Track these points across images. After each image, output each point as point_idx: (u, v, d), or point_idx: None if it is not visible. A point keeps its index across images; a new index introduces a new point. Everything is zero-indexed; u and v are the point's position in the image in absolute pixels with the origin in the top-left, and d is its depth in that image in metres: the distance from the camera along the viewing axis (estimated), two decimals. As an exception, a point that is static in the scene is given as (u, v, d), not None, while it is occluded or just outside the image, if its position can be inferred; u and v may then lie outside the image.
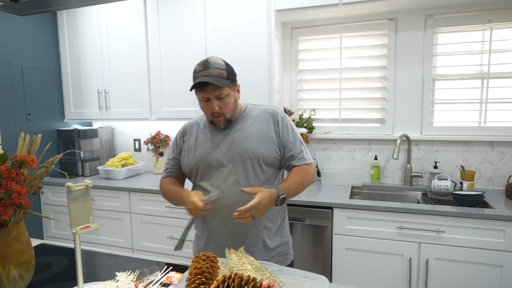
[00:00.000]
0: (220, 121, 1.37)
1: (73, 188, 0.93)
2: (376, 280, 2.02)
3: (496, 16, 2.22)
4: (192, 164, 1.42)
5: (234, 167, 1.36)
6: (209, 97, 1.31)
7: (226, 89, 1.32)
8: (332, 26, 2.54)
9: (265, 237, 1.40)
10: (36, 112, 2.84)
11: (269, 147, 1.37)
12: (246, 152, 1.36)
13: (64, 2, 1.37)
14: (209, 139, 1.42)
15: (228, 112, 1.36)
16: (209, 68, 1.29)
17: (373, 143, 2.56)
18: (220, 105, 1.33)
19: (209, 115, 1.37)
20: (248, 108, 1.46)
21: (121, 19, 2.74)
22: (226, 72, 1.31)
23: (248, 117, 1.43)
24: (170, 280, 1.11)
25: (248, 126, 1.40)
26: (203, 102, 1.35)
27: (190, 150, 1.44)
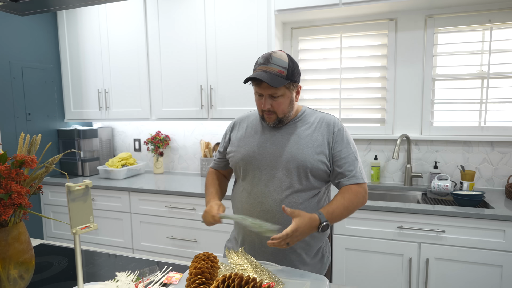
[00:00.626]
0: (270, 118, 1.30)
1: (73, 188, 0.93)
2: (376, 280, 2.02)
3: (496, 16, 2.22)
4: (238, 160, 1.36)
5: (279, 172, 1.29)
6: (263, 93, 1.25)
7: (282, 89, 1.24)
8: (332, 26, 2.54)
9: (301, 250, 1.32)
10: (36, 112, 2.84)
11: (320, 159, 1.28)
12: (295, 159, 1.27)
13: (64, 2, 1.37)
14: (258, 136, 1.35)
15: (281, 112, 1.28)
16: (270, 64, 1.22)
17: (373, 143, 2.55)
18: (272, 104, 1.26)
19: (260, 111, 1.31)
20: (306, 112, 1.37)
21: (121, 19, 2.74)
22: (286, 71, 1.22)
23: (303, 122, 1.34)
24: (170, 280, 1.11)
25: (302, 132, 1.31)
26: (257, 96, 1.29)
27: (238, 146, 1.38)
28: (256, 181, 1.32)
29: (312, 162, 1.27)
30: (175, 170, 3.10)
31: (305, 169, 1.27)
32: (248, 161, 1.33)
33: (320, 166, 1.28)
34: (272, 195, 1.29)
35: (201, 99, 2.57)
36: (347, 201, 1.24)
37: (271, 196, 1.29)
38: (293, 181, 1.28)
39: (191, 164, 3.04)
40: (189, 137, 3.03)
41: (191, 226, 2.39)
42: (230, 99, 2.50)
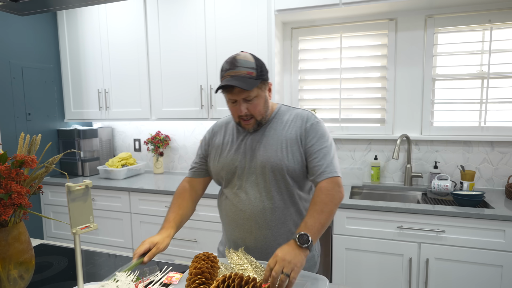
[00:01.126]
0: (249, 124, 1.25)
1: (73, 188, 0.93)
2: (376, 280, 2.02)
3: (496, 16, 2.22)
4: (218, 169, 1.33)
5: (257, 178, 1.26)
6: (236, 99, 1.20)
7: (255, 90, 1.19)
8: (332, 26, 2.54)
9: None
10: (36, 112, 2.84)
11: (295, 158, 1.24)
12: (269, 163, 1.24)
13: (64, 2, 1.37)
14: (235, 143, 1.32)
15: (258, 114, 1.24)
16: (237, 67, 1.17)
17: (373, 143, 2.55)
18: (248, 107, 1.21)
19: (236, 117, 1.26)
20: (281, 110, 1.33)
21: (121, 19, 2.74)
22: (255, 71, 1.18)
23: (278, 120, 1.30)
24: (170, 280, 1.11)
25: (277, 132, 1.28)
26: (230, 103, 1.24)
27: (216, 154, 1.35)
28: (237, 189, 1.30)
29: (286, 163, 1.23)
30: (175, 170, 3.10)
31: (281, 171, 1.23)
32: (229, 170, 1.31)
33: (296, 166, 1.24)
34: (253, 202, 1.27)
35: (201, 99, 2.57)
36: (320, 204, 1.13)
37: (252, 203, 1.27)
38: (271, 186, 1.25)
39: (191, 164, 3.04)
40: (189, 137, 3.03)
41: (191, 226, 2.39)
42: (230, 99, 2.50)
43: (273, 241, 1.28)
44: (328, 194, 1.15)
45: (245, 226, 1.29)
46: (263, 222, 1.27)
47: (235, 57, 1.20)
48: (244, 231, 1.30)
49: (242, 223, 1.29)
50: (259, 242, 1.29)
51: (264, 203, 1.26)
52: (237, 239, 1.33)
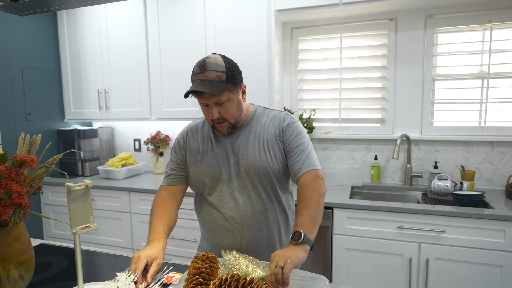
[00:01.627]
0: (223, 127, 1.24)
1: (73, 188, 0.92)
2: (376, 280, 2.02)
3: (496, 16, 2.22)
4: (201, 176, 1.29)
5: (243, 182, 1.25)
6: (207, 103, 1.18)
7: (226, 94, 1.17)
8: (332, 26, 2.54)
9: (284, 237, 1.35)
10: (36, 112, 2.84)
11: (278, 159, 1.25)
12: (255, 166, 1.23)
13: (64, 2, 1.37)
14: (215, 148, 1.29)
15: (231, 118, 1.22)
16: (206, 71, 1.15)
17: (373, 143, 2.55)
18: (220, 111, 1.19)
19: (210, 121, 1.24)
20: (257, 112, 1.32)
21: (121, 19, 2.74)
22: (225, 75, 1.15)
23: (256, 123, 1.29)
24: (170, 280, 1.11)
25: (257, 134, 1.27)
26: (203, 107, 1.22)
27: (196, 160, 1.31)
28: (224, 195, 1.27)
29: (271, 165, 1.24)
30: (175, 170, 3.10)
31: (267, 174, 1.24)
32: (213, 176, 1.27)
33: (280, 167, 1.25)
34: (243, 206, 1.26)
35: (201, 99, 2.56)
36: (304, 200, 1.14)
37: (242, 208, 1.26)
38: (259, 188, 1.25)
39: (191, 164, 3.04)
40: (189, 137, 3.02)
41: (191, 226, 2.39)
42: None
43: (265, 242, 1.29)
44: (310, 187, 1.16)
45: (236, 232, 1.27)
46: (255, 225, 1.27)
47: (204, 60, 1.17)
48: (236, 236, 1.28)
49: (233, 229, 1.27)
50: (251, 245, 1.28)
51: (254, 206, 1.26)
52: (228, 246, 1.30)
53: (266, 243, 1.30)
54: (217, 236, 1.32)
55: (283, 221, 1.34)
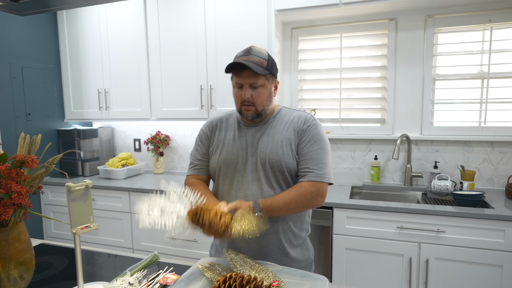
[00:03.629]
0: (249, 111, 1.26)
1: (73, 188, 0.93)
2: (376, 280, 2.02)
3: (496, 16, 2.22)
4: (218, 164, 1.33)
5: (258, 174, 1.27)
6: (243, 83, 1.24)
7: (263, 79, 1.23)
8: (332, 26, 2.54)
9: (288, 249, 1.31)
10: (36, 112, 2.84)
11: (293, 156, 1.27)
12: (270, 160, 1.25)
13: (64, 2, 1.37)
14: (237, 139, 1.32)
15: (260, 104, 1.26)
16: (250, 55, 1.22)
17: (373, 143, 2.55)
18: (252, 94, 1.24)
19: (239, 103, 1.28)
20: (282, 111, 1.35)
21: (121, 19, 2.74)
22: (266, 62, 1.23)
23: (279, 120, 1.32)
24: (165, 281, 1.11)
25: (277, 131, 1.29)
26: (236, 89, 1.27)
27: (217, 148, 1.35)
28: (238, 185, 1.30)
29: (286, 161, 1.25)
30: (175, 170, 3.10)
31: (281, 168, 1.26)
32: (229, 164, 1.31)
33: (294, 164, 1.27)
34: (255, 197, 1.26)
35: (201, 99, 2.57)
36: (290, 198, 1.19)
37: (254, 198, 1.26)
38: (272, 181, 1.27)
39: (191, 164, 3.04)
40: (189, 137, 3.02)
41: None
42: (230, 99, 2.50)
43: (274, 237, 1.28)
44: (304, 195, 1.20)
45: None
46: None
47: (250, 46, 1.26)
48: None
49: None
50: (260, 239, 1.28)
51: None
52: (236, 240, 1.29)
53: (276, 238, 1.28)
54: None
55: (294, 220, 1.31)
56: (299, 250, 1.35)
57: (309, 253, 1.39)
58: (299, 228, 1.34)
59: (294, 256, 1.32)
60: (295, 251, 1.33)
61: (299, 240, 1.35)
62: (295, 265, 1.32)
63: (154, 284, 1.09)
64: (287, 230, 1.30)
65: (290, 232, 1.31)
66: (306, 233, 1.39)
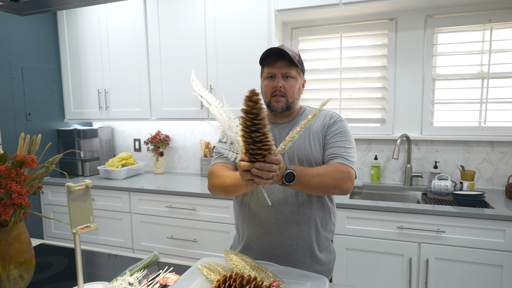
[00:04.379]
0: (279, 103, 1.26)
1: (73, 188, 0.93)
2: (376, 280, 2.02)
3: (496, 16, 2.22)
4: None
5: None
6: (276, 73, 1.24)
7: (295, 70, 1.25)
8: (332, 26, 2.54)
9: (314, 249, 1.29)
10: (36, 112, 2.84)
11: (320, 151, 1.28)
12: (299, 154, 1.26)
13: (64, 2, 1.37)
14: None
15: (291, 96, 1.26)
16: (284, 48, 1.24)
17: (373, 143, 2.55)
18: (284, 85, 1.24)
19: (269, 94, 1.27)
20: (307, 110, 1.38)
21: (121, 19, 2.74)
22: (298, 57, 1.27)
23: (305, 117, 1.33)
24: (166, 281, 1.11)
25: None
26: (267, 80, 1.27)
27: None
28: None
29: (314, 155, 1.27)
30: (175, 170, 3.10)
31: (309, 163, 1.26)
32: None
33: (322, 159, 1.27)
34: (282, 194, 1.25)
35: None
36: (323, 170, 1.15)
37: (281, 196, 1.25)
38: None
39: (191, 164, 3.04)
40: (189, 137, 3.03)
41: (191, 226, 2.39)
42: (230, 99, 2.50)
43: (299, 236, 1.26)
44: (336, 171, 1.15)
45: (272, 220, 1.26)
46: (291, 216, 1.26)
47: (282, 44, 1.32)
48: (271, 225, 1.27)
49: (268, 217, 1.26)
50: (286, 237, 1.26)
51: (293, 196, 1.26)
52: (261, 236, 1.28)
53: (300, 237, 1.27)
54: (251, 224, 1.30)
55: (321, 218, 1.30)
56: (324, 252, 1.34)
57: (332, 256, 1.39)
58: (326, 230, 1.33)
59: (319, 257, 1.31)
60: (320, 253, 1.32)
61: (326, 242, 1.34)
62: (318, 267, 1.31)
63: (154, 284, 1.09)
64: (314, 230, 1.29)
65: (317, 233, 1.30)
66: (332, 235, 1.38)
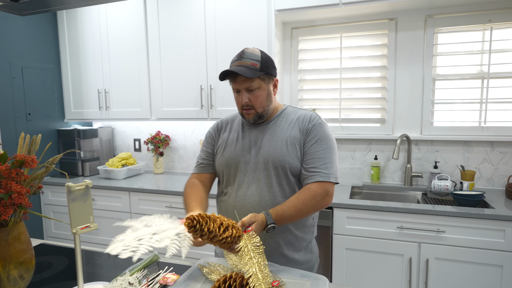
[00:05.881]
0: (249, 114, 1.28)
1: (73, 188, 0.92)
2: (376, 280, 2.02)
3: (496, 16, 2.22)
4: (221, 164, 1.34)
5: (260, 174, 1.27)
6: (239, 88, 1.25)
7: (257, 81, 1.24)
8: (332, 26, 2.54)
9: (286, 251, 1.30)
10: (36, 112, 2.84)
11: (298, 156, 1.26)
12: (273, 159, 1.25)
13: (64, 2, 1.37)
14: (240, 139, 1.34)
15: (259, 106, 1.27)
16: (243, 59, 1.23)
17: (373, 143, 2.55)
18: (250, 98, 1.25)
19: (240, 107, 1.30)
20: (287, 110, 1.36)
21: (121, 19, 2.74)
22: (259, 64, 1.23)
23: (284, 119, 1.32)
24: (166, 281, 1.11)
25: (282, 130, 1.30)
26: (235, 93, 1.29)
27: (221, 148, 1.37)
28: (240, 185, 1.30)
29: (289, 161, 1.25)
30: (175, 170, 3.10)
31: (284, 168, 1.25)
32: (231, 164, 1.32)
33: (298, 164, 1.26)
34: (256, 197, 1.27)
35: (201, 99, 2.57)
36: (300, 203, 1.17)
37: (255, 198, 1.27)
38: (273, 182, 1.26)
39: (191, 164, 3.04)
40: (189, 137, 3.03)
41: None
42: (230, 99, 2.50)
43: (271, 238, 1.28)
44: (313, 198, 1.19)
45: None
46: None
47: (243, 50, 1.27)
48: None
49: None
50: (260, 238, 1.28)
51: (266, 199, 1.26)
52: None
53: (273, 240, 1.27)
54: None
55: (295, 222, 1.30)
56: (302, 252, 1.34)
57: (313, 256, 1.38)
58: (301, 231, 1.33)
59: (293, 258, 1.31)
60: (296, 254, 1.32)
61: (303, 242, 1.34)
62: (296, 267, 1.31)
63: (154, 284, 1.09)
64: (287, 232, 1.30)
65: (291, 235, 1.30)
66: (311, 236, 1.38)
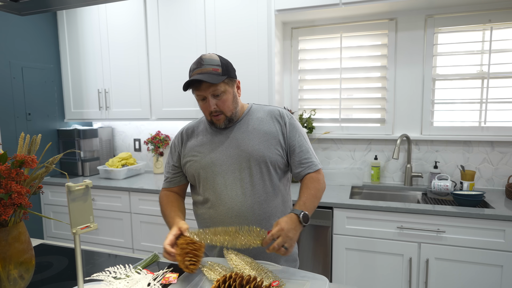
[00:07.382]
0: (219, 120, 1.28)
1: (73, 188, 0.92)
2: (376, 280, 2.02)
3: (496, 16, 2.22)
4: (197, 170, 1.32)
5: (241, 174, 1.27)
6: (205, 95, 1.24)
7: (222, 85, 1.23)
8: (332, 26, 2.54)
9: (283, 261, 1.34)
10: (36, 112, 2.84)
11: (276, 151, 1.29)
12: (253, 155, 1.26)
13: (64, 2, 1.37)
14: (211, 142, 1.33)
15: (228, 110, 1.27)
16: (203, 66, 1.23)
17: (373, 143, 2.55)
18: (217, 103, 1.25)
19: (208, 115, 1.29)
20: (253, 108, 1.38)
21: (121, 19, 2.74)
22: (220, 68, 1.23)
23: (252, 117, 1.34)
24: (168, 280, 1.11)
25: (253, 127, 1.31)
26: (201, 101, 1.28)
27: (193, 156, 1.34)
28: (221, 188, 1.29)
29: (270, 156, 1.28)
30: (175, 170, 3.10)
31: (266, 164, 1.28)
32: (208, 168, 1.30)
33: (278, 158, 1.30)
34: (240, 198, 1.27)
35: (201, 99, 2.56)
36: (314, 190, 1.27)
37: (239, 199, 1.27)
38: (255, 179, 1.27)
39: (191, 164, 3.04)
40: (189, 137, 3.02)
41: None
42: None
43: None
44: (319, 182, 1.30)
45: (234, 225, 1.27)
46: (252, 217, 1.27)
47: (201, 57, 1.26)
48: None
49: (231, 222, 1.27)
50: None
51: (252, 198, 1.27)
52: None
53: None
54: None
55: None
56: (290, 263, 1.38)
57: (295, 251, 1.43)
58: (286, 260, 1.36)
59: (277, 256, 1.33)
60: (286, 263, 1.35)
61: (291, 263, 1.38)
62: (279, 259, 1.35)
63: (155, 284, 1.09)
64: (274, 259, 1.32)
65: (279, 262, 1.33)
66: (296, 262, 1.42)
